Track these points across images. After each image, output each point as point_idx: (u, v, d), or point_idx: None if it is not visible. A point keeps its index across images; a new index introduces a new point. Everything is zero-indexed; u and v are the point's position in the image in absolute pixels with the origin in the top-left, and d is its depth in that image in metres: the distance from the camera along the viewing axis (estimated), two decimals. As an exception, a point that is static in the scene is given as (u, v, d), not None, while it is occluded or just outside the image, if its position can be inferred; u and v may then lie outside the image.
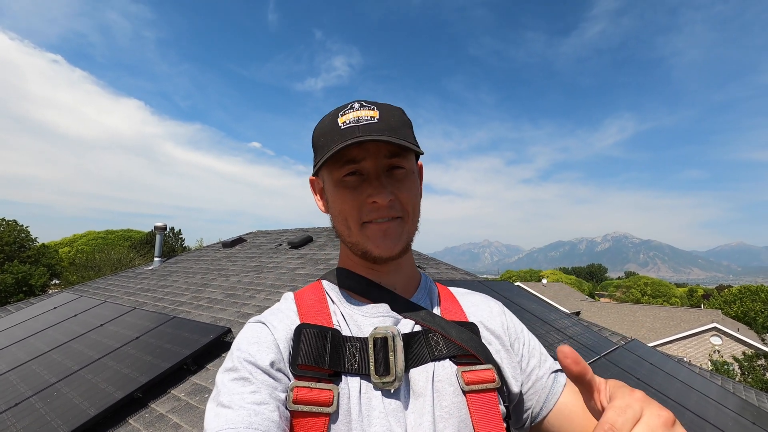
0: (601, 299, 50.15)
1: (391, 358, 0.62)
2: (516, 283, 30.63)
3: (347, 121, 0.65)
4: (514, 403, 0.74)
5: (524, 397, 0.74)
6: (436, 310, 0.76)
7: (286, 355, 0.63)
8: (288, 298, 0.76)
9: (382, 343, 0.63)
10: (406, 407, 0.63)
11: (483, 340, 0.73)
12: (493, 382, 0.67)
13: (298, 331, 0.65)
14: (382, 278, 0.74)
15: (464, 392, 0.65)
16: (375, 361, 0.62)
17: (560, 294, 30.85)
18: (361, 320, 0.69)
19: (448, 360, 0.68)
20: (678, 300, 50.45)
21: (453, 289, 0.84)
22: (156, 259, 7.04)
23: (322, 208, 0.77)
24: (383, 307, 0.71)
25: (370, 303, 0.72)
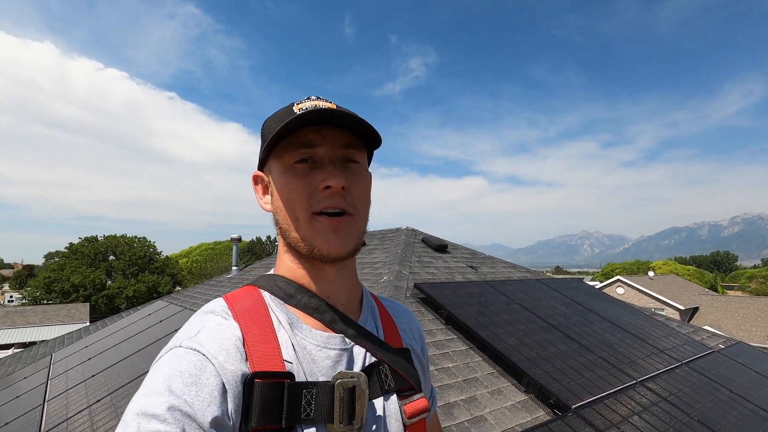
0: (730, 292, 43.05)
1: (358, 407, 0.59)
2: (617, 277, 27.53)
3: (304, 108, 0.61)
4: None
5: None
6: (380, 334, 0.72)
7: (233, 404, 0.52)
8: (225, 315, 0.61)
9: (349, 393, 0.59)
10: None
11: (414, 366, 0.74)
12: (427, 411, 0.69)
13: (251, 383, 0.54)
14: (328, 289, 0.67)
15: (405, 426, 0.66)
16: (341, 411, 0.57)
17: (671, 287, 27.13)
18: (315, 353, 0.62)
19: (394, 394, 0.67)
20: (838, 291, 41.27)
21: (383, 302, 0.81)
22: (233, 267, 7.75)
23: (266, 207, 0.68)
24: (339, 339, 0.64)
25: (321, 327, 0.64)
